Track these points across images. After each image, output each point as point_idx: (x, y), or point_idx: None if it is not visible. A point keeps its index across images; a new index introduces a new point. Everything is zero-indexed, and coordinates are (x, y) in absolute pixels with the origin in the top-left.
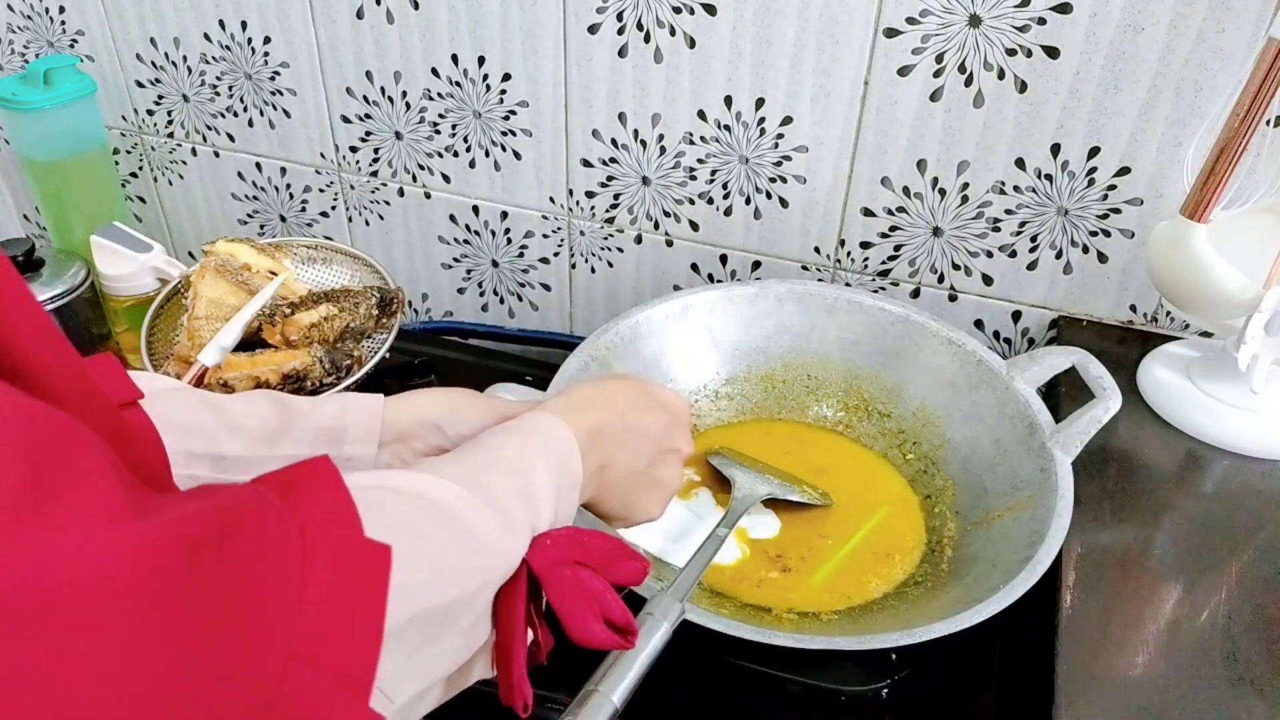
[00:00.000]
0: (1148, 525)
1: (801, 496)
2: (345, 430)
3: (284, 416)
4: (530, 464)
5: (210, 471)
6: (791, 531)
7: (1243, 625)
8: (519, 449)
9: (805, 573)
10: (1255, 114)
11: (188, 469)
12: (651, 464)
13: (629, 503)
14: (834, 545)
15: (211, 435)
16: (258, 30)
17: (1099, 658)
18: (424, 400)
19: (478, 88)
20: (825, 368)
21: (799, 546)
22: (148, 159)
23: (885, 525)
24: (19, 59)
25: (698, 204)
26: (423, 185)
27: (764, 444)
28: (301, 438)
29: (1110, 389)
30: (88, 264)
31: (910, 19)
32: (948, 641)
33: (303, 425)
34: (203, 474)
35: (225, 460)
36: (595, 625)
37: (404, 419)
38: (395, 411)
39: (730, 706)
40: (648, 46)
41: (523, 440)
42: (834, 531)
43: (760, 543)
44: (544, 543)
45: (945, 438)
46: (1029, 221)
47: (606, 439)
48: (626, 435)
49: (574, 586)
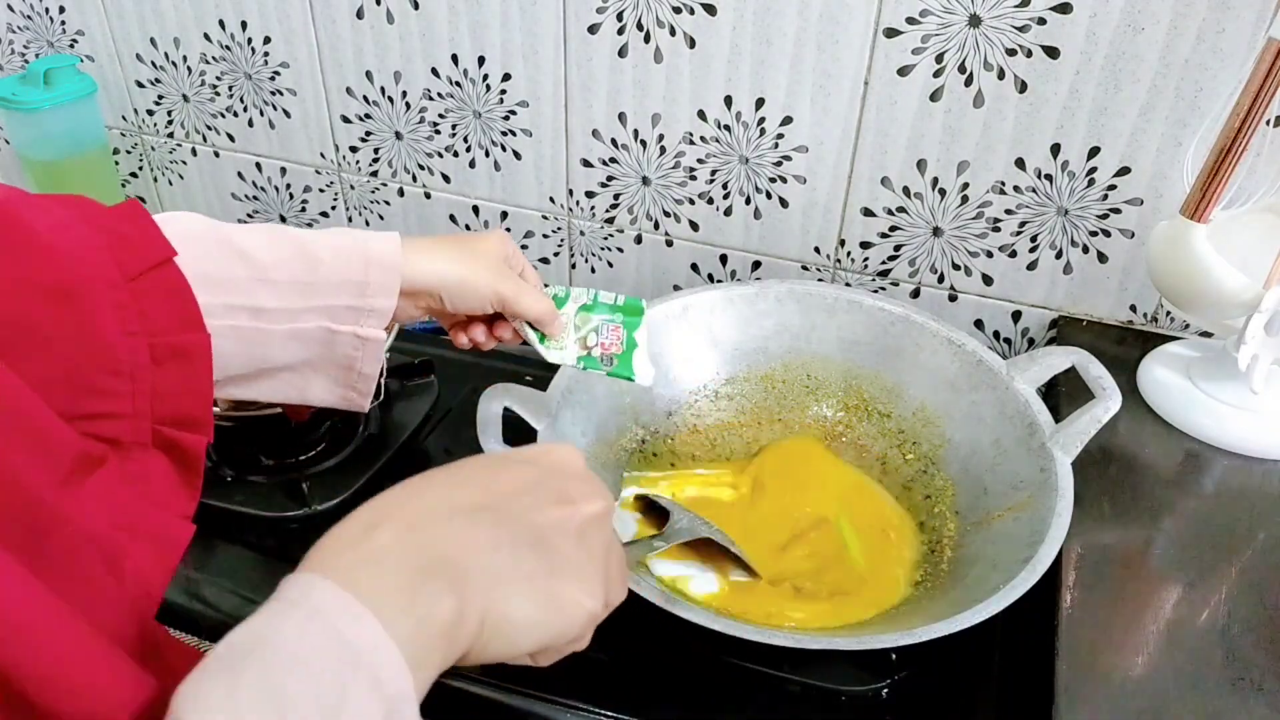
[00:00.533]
0: (1148, 525)
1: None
2: (368, 285)
3: (310, 269)
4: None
5: (249, 321)
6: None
7: (1243, 625)
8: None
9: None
10: (1255, 114)
11: (228, 319)
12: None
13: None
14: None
15: (248, 290)
16: (258, 30)
17: (1099, 658)
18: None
19: (478, 88)
20: (825, 368)
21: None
22: (148, 159)
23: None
24: (19, 59)
25: (698, 204)
26: (423, 185)
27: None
28: (328, 290)
29: (1110, 389)
30: None
31: (910, 19)
32: (948, 641)
33: (329, 279)
34: (242, 323)
35: (262, 311)
36: None
37: (417, 280)
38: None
39: (730, 706)
40: (648, 46)
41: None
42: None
43: None
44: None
45: (945, 438)
46: (1029, 221)
47: (452, 570)
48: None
49: None
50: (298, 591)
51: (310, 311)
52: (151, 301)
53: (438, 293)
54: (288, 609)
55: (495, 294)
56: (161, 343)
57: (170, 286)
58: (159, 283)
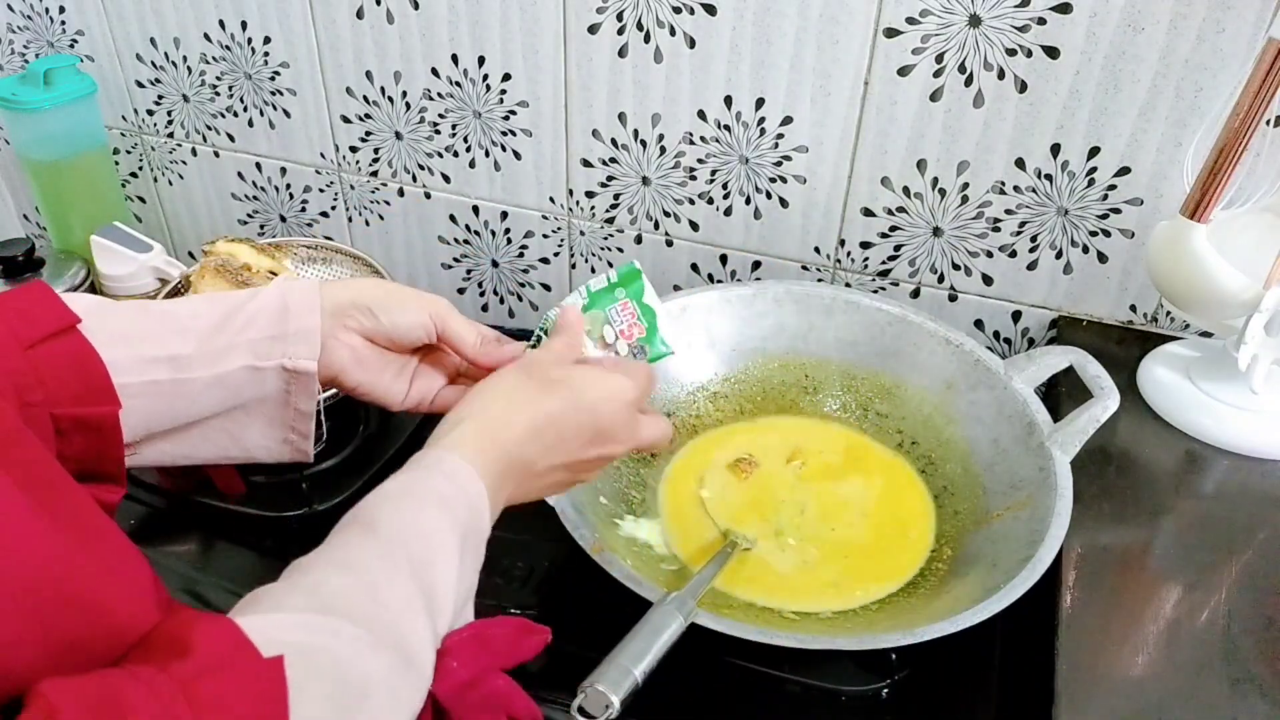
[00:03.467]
0: (1148, 525)
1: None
2: (288, 310)
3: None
4: (432, 548)
5: (168, 373)
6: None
7: (1243, 625)
8: (417, 527)
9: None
10: (1255, 114)
11: (146, 375)
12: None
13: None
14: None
15: (161, 339)
16: (258, 30)
17: (1099, 658)
18: (361, 284)
19: (478, 88)
20: (823, 368)
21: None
22: (148, 159)
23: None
24: (19, 59)
25: (698, 204)
26: (423, 185)
27: (767, 440)
28: (247, 323)
29: (1108, 388)
30: (88, 264)
31: (910, 19)
32: (948, 641)
33: (248, 309)
34: (160, 376)
35: (180, 359)
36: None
37: (340, 298)
38: (331, 291)
39: (730, 706)
40: (648, 46)
41: (420, 513)
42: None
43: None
44: (450, 665)
45: (944, 438)
46: (1029, 221)
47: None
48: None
49: (481, 706)
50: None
51: (232, 350)
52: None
53: (366, 305)
54: (432, 466)
55: (428, 308)
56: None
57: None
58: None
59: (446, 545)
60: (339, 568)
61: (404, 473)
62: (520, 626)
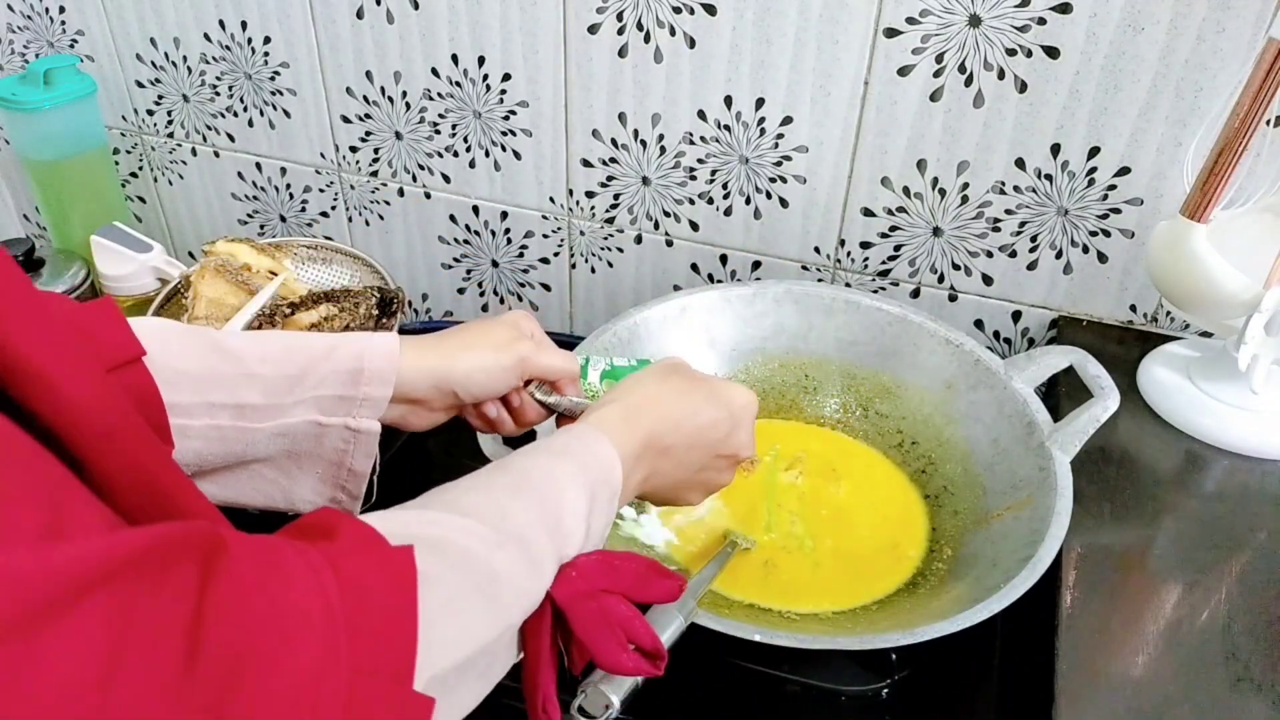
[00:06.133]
0: (1148, 525)
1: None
2: (362, 373)
3: (299, 361)
4: (559, 487)
5: (231, 420)
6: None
7: (1243, 625)
8: (548, 470)
9: (800, 564)
10: (1255, 114)
11: (208, 418)
12: (702, 469)
13: (669, 499)
14: (834, 539)
15: (231, 387)
16: (258, 30)
17: (1099, 658)
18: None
19: (478, 88)
20: (823, 368)
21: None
22: (148, 159)
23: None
24: (19, 59)
25: (698, 204)
26: (423, 185)
27: (767, 440)
28: (318, 380)
29: (1108, 388)
30: (88, 264)
31: (910, 19)
32: (948, 641)
33: (320, 369)
34: (223, 422)
35: (246, 409)
36: (622, 655)
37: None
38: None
39: (730, 706)
40: (648, 46)
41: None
42: (836, 525)
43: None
44: (569, 574)
45: (943, 437)
46: (1029, 221)
47: (656, 451)
48: (679, 447)
49: (599, 618)
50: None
51: (298, 405)
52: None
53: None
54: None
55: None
56: None
57: (134, 389)
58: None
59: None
60: (469, 489)
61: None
62: (651, 566)
